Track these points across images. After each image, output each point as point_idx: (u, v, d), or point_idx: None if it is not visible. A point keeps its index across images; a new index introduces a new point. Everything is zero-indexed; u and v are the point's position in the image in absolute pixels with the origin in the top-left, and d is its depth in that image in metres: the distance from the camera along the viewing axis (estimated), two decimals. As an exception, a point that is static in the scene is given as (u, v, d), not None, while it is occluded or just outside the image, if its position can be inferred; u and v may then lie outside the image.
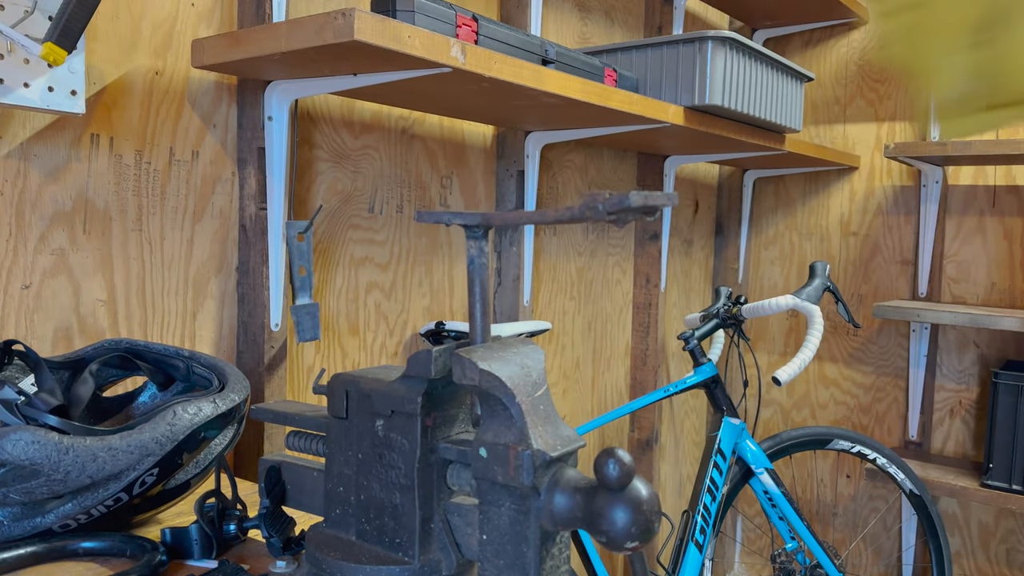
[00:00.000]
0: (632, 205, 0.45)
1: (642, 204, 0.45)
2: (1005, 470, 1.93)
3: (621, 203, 0.45)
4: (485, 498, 0.53)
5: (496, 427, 0.52)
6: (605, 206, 0.45)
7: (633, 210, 0.46)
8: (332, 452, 0.64)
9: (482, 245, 0.57)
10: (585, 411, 2.03)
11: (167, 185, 1.11)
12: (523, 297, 1.69)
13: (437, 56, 0.99)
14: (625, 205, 0.45)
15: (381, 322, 1.45)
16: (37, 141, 0.98)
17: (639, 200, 0.45)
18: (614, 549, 0.47)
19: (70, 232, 1.02)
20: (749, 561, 2.61)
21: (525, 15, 1.59)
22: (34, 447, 0.68)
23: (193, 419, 0.76)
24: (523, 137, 1.65)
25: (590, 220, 0.47)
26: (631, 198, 0.45)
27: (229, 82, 1.18)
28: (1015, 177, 2.12)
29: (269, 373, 1.19)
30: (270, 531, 0.70)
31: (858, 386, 2.38)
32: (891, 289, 2.31)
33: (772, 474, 1.78)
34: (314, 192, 1.31)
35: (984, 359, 2.17)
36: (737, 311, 1.84)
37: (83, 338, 1.03)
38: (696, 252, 2.46)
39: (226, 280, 1.20)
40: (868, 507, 2.38)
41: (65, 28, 0.82)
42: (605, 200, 0.45)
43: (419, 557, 0.58)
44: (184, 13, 1.11)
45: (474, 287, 0.57)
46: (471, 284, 0.58)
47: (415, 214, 0.60)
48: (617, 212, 0.46)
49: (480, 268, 0.57)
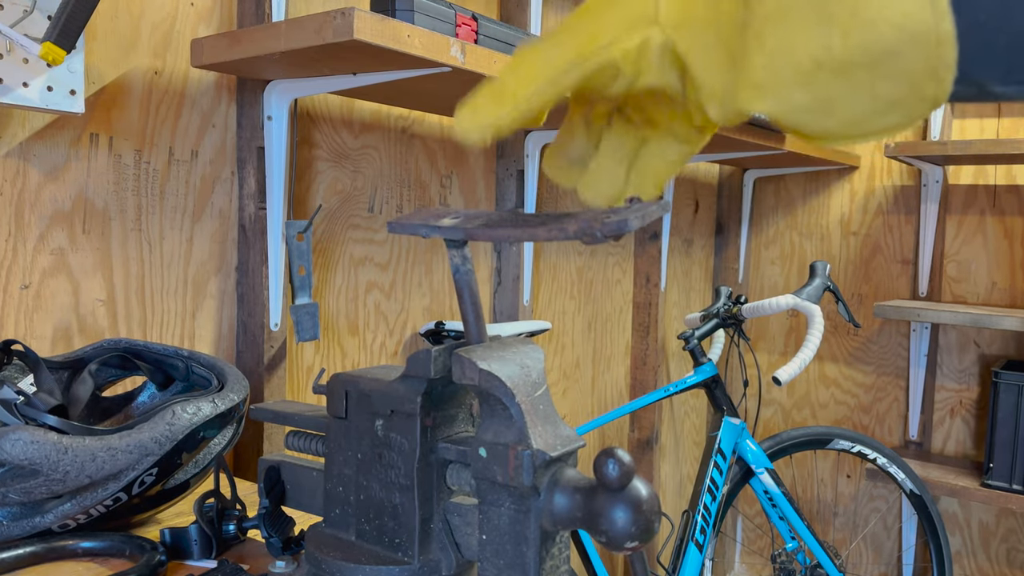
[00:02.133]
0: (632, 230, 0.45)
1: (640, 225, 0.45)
2: (1006, 470, 1.92)
3: (621, 229, 0.45)
4: (485, 498, 0.53)
5: (496, 427, 0.52)
6: (603, 231, 0.45)
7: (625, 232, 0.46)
8: (331, 452, 0.64)
9: (465, 252, 0.57)
10: (585, 411, 2.03)
11: (166, 185, 1.11)
12: (523, 297, 1.68)
13: (437, 55, 0.99)
14: (626, 231, 0.45)
15: (381, 322, 1.45)
16: (36, 141, 0.98)
17: (638, 222, 0.45)
18: (614, 549, 0.47)
19: (69, 232, 1.01)
20: (749, 561, 2.61)
21: (525, 14, 1.59)
22: (33, 447, 0.67)
23: (192, 419, 0.76)
24: (523, 136, 1.65)
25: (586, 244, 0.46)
26: (630, 223, 0.44)
27: (228, 82, 1.17)
28: (1015, 176, 2.12)
29: (268, 373, 1.19)
30: (269, 531, 0.70)
31: (859, 386, 2.37)
32: (891, 289, 2.30)
33: (772, 474, 1.78)
34: (314, 192, 1.31)
35: (985, 359, 2.17)
36: (737, 311, 1.84)
37: (82, 338, 1.03)
38: (696, 252, 2.46)
39: (225, 280, 1.20)
40: (868, 507, 2.38)
41: (64, 28, 0.82)
42: (603, 226, 0.45)
43: (419, 557, 0.58)
44: (183, 13, 1.11)
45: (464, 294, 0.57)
46: (460, 292, 0.57)
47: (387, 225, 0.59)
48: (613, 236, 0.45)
49: (467, 275, 0.57)
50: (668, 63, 0.42)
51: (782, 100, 0.38)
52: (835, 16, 0.36)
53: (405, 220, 0.59)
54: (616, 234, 0.45)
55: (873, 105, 0.37)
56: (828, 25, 0.36)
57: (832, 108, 0.37)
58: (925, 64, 0.35)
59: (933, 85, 0.35)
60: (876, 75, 0.36)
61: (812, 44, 0.37)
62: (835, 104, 0.37)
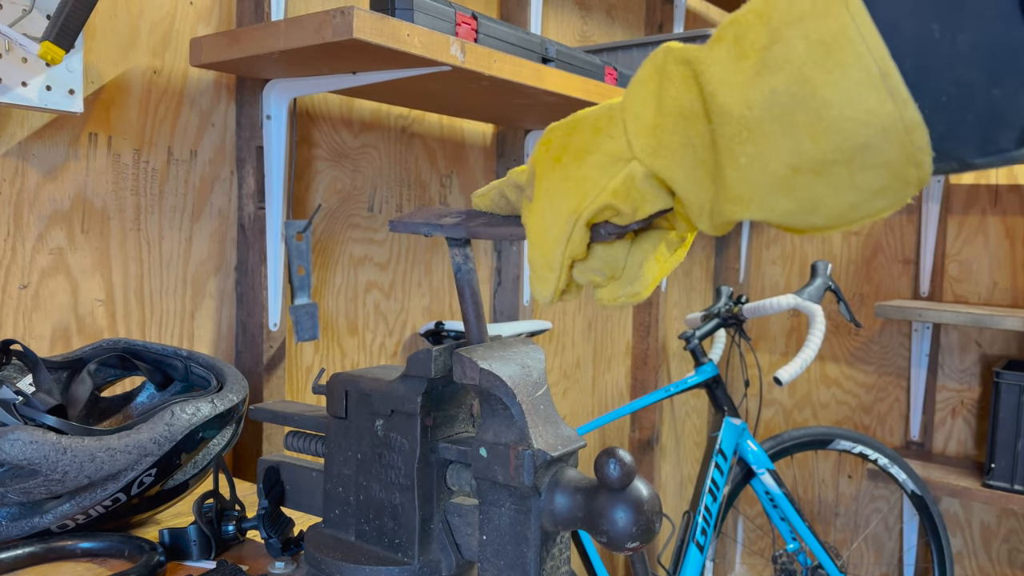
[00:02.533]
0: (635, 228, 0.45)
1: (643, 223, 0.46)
2: (1007, 470, 1.92)
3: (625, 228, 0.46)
4: (485, 498, 0.52)
5: (496, 427, 0.52)
6: (607, 229, 0.46)
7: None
8: (331, 452, 0.64)
9: (467, 252, 0.57)
10: (586, 411, 2.02)
11: (165, 184, 1.11)
12: (523, 297, 1.68)
13: (436, 54, 0.99)
14: (630, 229, 0.46)
15: (380, 322, 1.45)
16: (35, 140, 0.97)
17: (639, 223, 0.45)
18: (615, 550, 0.47)
19: (68, 231, 1.01)
20: (750, 562, 2.61)
21: (525, 13, 1.58)
22: (32, 447, 0.67)
23: (191, 419, 0.76)
24: (523, 136, 1.65)
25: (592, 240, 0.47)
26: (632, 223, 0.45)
27: (228, 81, 1.17)
28: (1017, 176, 2.12)
29: (268, 373, 1.19)
30: (269, 532, 0.70)
31: (860, 386, 2.37)
32: (893, 288, 2.30)
33: (773, 474, 1.77)
34: (313, 191, 1.30)
35: (986, 359, 2.17)
36: (738, 311, 1.83)
37: (81, 338, 1.03)
38: (697, 251, 2.46)
39: (224, 279, 1.19)
40: (870, 507, 2.38)
41: (63, 27, 0.82)
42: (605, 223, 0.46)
43: (419, 558, 0.57)
44: (182, 12, 1.11)
45: (464, 293, 0.57)
46: (461, 291, 0.57)
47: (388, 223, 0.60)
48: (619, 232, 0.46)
49: (468, 274, 0.57)
50: (657, 187, 0.44)
51: (765, 208, 0.39)
52: (799, 124, 0.37)
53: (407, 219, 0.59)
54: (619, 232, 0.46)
55: (858, 196, 0.37)
56: (795, 134, 0.37)
57: (817, 206, 0.38)
58: (900, 151, 0.35)
59: (913, 169, 0.36)
60: (854, 169, 0.36)
61: (783, 153, 0.38)
62: (819, 202, 0.38)
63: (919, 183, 0.36)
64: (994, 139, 0.34)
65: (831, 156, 0.36)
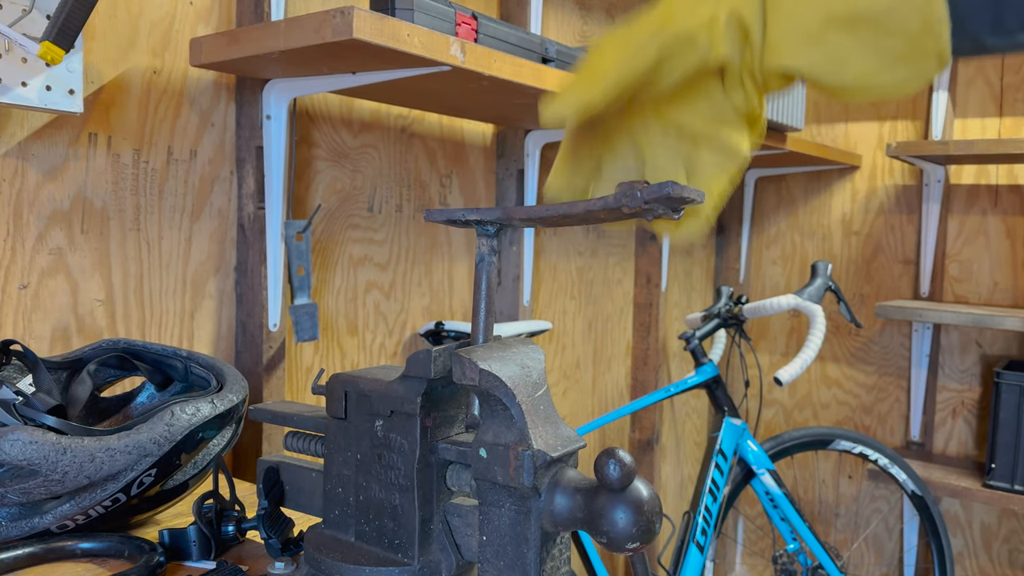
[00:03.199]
0: (671, 194, 0.45)
1: (679, 195, 0.46)
2: (1008, 470, 1.92)
3: (660, 191, 0.45)
4: (485, 499, 0.52)
5: (496, 427, 0.52)
6: (644, 193, 0.46)
7: (670, 199, 0.46)
8: (331, 453, 0.63)
9: (494, 244, 0.57)
10: (586, 411, 2.02)
11: (165, 184, 1.11)
12: (523, 297, 1.68)
13: (436, 54, 0.99)
14: (664, 193, 0.45)
15: (380, 322, 1.44)
16: (35, 140, 0.97)
17: (678, 190, 0.45)
18: (615, 550, 0.47)
19: (68, 231, 1.01)
20: (751, 562, 2.61)
21: (525, 13, 1.58)
22: (32, 447, 0.67)
23: (191, 419, 0.75)
24: (523, 136, 1.65)
25: (625, 208, 0.47)
26: (670, 187, 0.45)
27: (227, 81, 1.17)
28: (1017, 176, 2.11)
29: (267, 373, 1.19)
30: (269, 532, 0.70)
31: (860, 386, 2.37)
32: (893, 289, 2.30)
33: (774, 475, 1.77)
34: (313, 191, 1.30)
35: (986, 359, 2.17)
36: (738, 311, 1.83)
37: (81, 338, 1.03)
38: (697, 251, 2.46)
39: (224, 280, 1.19)
40: (870, 508, 2.37)
41: (63, 27, 0.82)
42: (644, 187, 0.46)
43: (418, 558, 0.57)
44: (182, 12, 1.10)
45: (480, 285, 0.57)
46: (478, 281, 0.57)
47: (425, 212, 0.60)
48: (654, 201, 0.46)
49: (489, 266, 0.57)
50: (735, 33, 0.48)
51: (798, 58, 0.45)
52: None
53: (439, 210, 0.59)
54: (655, 197, 0.45)
55: (881, 60, 0.42)
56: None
57: (844, 63, 0.43)
58: (920, 19, 0.40)
59: (932, 40, 0.40)
60: (879, 32, 0.41)
61: (817, 7, 0.43)
62: (846, 59, 0.43)
63: (939, 57, 0.41)
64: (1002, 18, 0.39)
65: (859, 15, 0.41)
